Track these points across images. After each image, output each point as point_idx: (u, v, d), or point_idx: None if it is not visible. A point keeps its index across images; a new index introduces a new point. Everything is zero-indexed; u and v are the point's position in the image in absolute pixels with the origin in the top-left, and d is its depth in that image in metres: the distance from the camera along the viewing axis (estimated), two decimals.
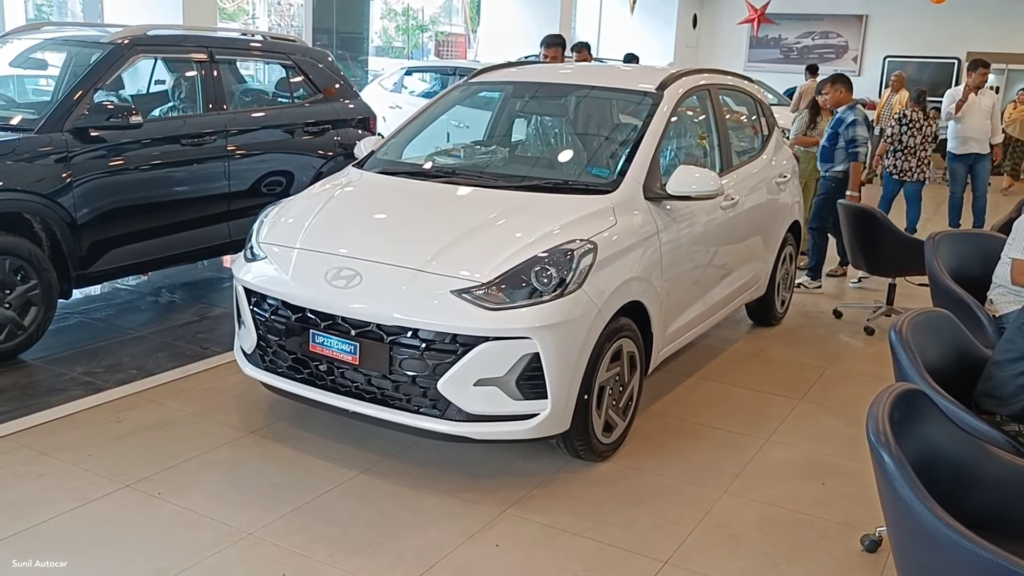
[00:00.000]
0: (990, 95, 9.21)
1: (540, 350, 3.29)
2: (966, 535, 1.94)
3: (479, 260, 3.43)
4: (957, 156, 9.26)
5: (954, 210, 9.49)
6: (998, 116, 9.19)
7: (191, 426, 3.96)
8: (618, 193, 3.87)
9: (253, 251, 3.91)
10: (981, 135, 9.07)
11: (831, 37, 18.86)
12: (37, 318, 4.66)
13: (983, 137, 9.08)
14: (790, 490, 3.64)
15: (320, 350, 3.53)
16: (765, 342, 5.61)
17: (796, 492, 3.62)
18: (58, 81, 5.71)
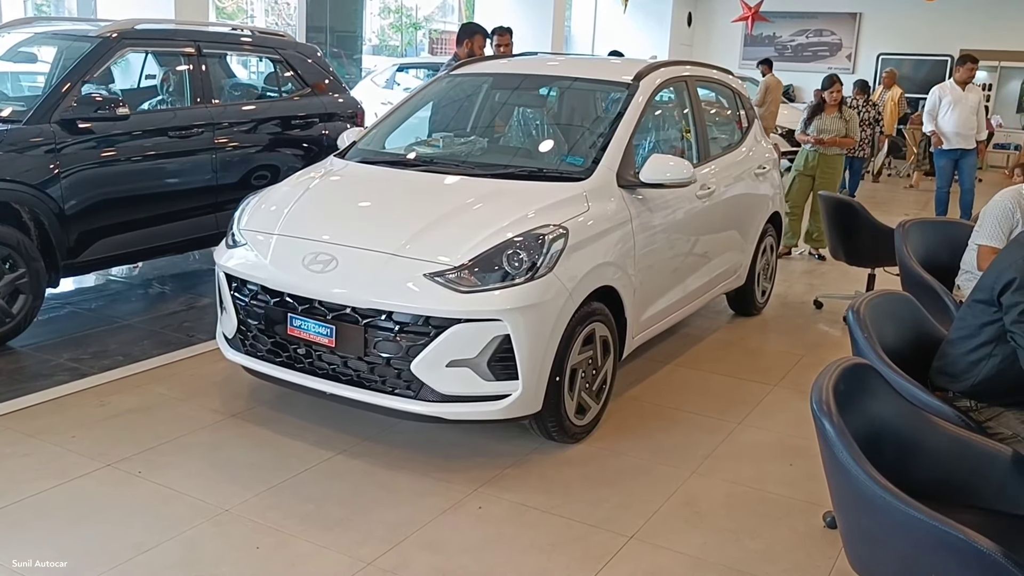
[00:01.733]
0: (977, 91, 9.27)
1: (511, 332, 3.37)
2: (903, 499, 2.01)
3: (452, 244, 3.50)
4: (943, 151, 9.33)
5: (940, 204, 9.57)
6: (983, 112, 9.23)
7: (173, 410, 4.04)
8: (591, 180, 3.95)
9: (234, 238, 3.99)
10: (966, 131, 9.11)
11: (825, 35, 18.94)
12: (25, 306, 4.74)
13: (968, 133, 9.12)
14: (758, 471, 3.72)
15: (298, 333, 3.61)
16: (744, 331, 5.69)
17: (764, 472, 3.70)
18: (48, 74, 5.79)
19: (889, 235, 5.68)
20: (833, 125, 7.44)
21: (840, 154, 7.60)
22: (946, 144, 9.23)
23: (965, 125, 9.10)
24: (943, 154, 9.34)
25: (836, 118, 7.46)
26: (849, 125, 7.47)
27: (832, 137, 7.41)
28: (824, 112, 7.52)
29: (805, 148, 7.54)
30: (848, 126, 7.46)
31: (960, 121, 9.10)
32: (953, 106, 9.11)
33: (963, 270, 4.16)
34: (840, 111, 7.50)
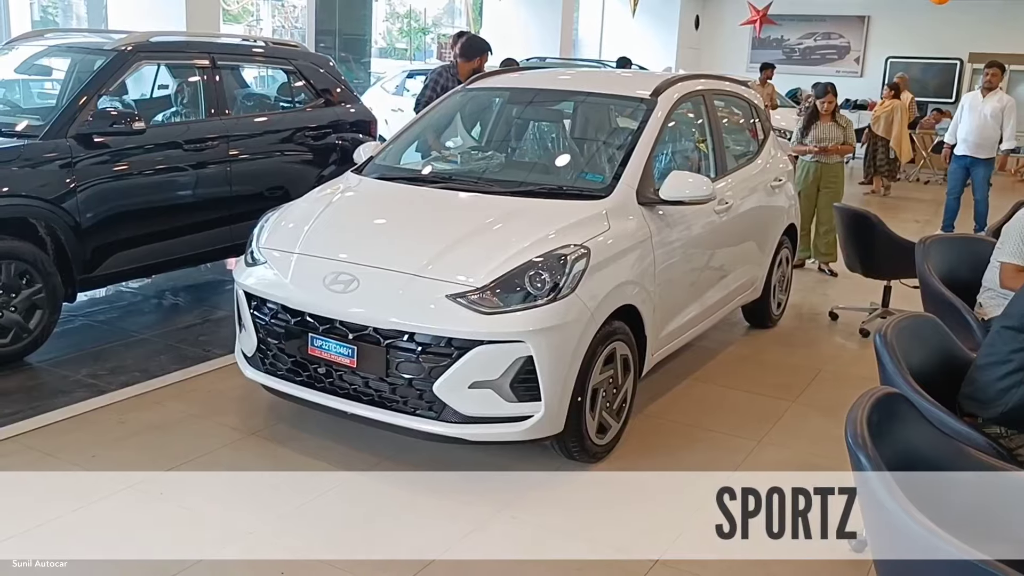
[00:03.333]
0: (999, 97, 9.00)
1: (533, 353, 3.36)
2: (942, 536, 1.99)
3: (474, 265, 3.49)
4: (955, 156, 9.24)
5: (948, 213, 9.43)
6: (1009, 121, 8.90)
7: (193, 427, 4.03)
8: (611, 199, 3.94)
9: (253, 256, 3.98)
10: (977, 138, 8.96)
11: (833, 38, 18.90)
12: (42, 321, 4.73)
13: (981, 141, 8.96)
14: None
15: (318, 353, 3.60)
16: (760, 344, 5.67)
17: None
18: (62, 87, 5.79)
19: (906, 248, 5.68)
20: (831, 133, 7.31)
21: (840, 162, 7.51)
22: (958, 149, 9.14)
23: (976, 132, 8.96)
24: (955, 160, 9.25)
25: (833, 126, 7.34)
26: (847, 132, 7.36)
27: (834, 145, 7.32)
28: (819, 121, 7.43)
29: (804, 160, 7.43)
30: (846, 133, 7.35)
31: (971, 128, 8.98)
32: (969, 112, 9.01)
33: (985, 287, 4.13)
34: (834, 118, 7.40)
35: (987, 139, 8.98)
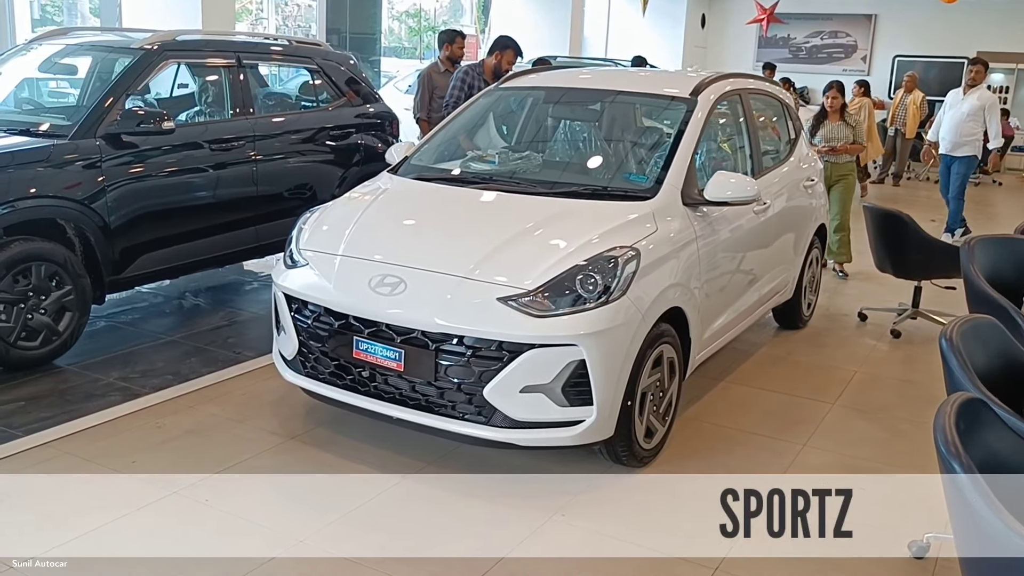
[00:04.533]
0: (979, 95, 8.86)
1: (586, 357, 3.30)
2: None
3: (524, 267, 3.44)
4: (942, 156, 9.16)
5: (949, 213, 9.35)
6: (993, 118, 8.80)
7: (231, 432, 3.97)
8: (657, 199, 3.88)
9: (293, 257, 3.92)
10: (953, 136, 8.84)
11: (840, 36, 18.86)
12: (71, 324, 4.67)
13: (958, 139, 8.84)
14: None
15: (364, 357, 3.54)
16: (792, 345, 5.62)
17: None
18: (83, 86, 5.73)
19: (939, 248, 5.64)
20: (840, 132, 7.22)
21: (851, 161, 7.39)
22: (940, 148, 9.08)
23: (954, 130, 8.85)
24: (942, 158, 9.18)
25: (841, 125, 7.24)
26: (856, 131, 7.26)
27: (843, 144, 7.20)
28: (828, 120, 7.34)
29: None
30: (855, 132, 7.25)
31: (949, 126, 8.88)
32: (948, 110, 8.92)
33: None
34: (843, 117, 7.28)
35: (965, 136, 8.83)
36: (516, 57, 6.78)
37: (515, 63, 6.78)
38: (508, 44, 6.81)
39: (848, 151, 7.27)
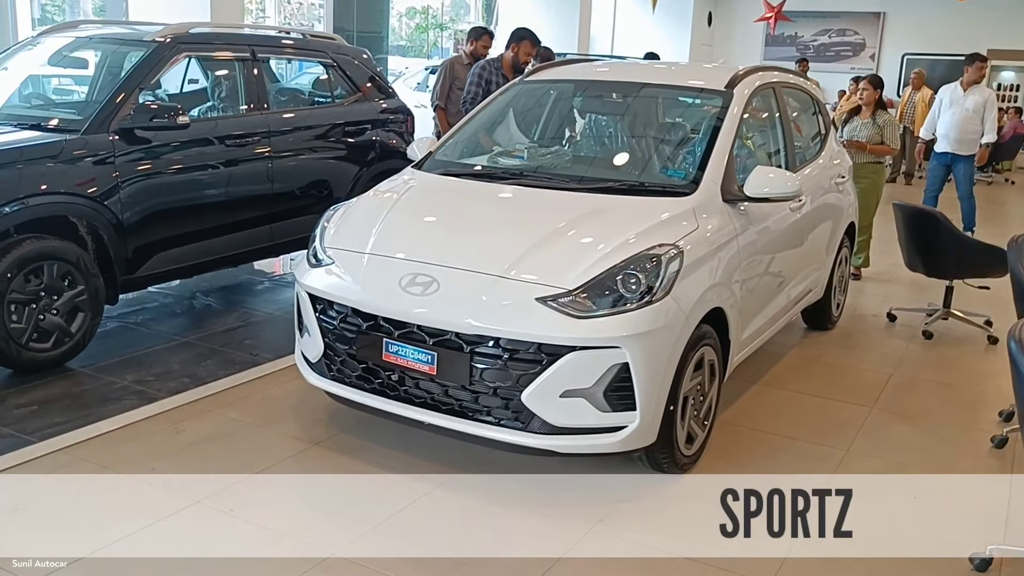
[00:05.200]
0: (980, 92, 8.65)
1: (629, 360, 3.15)
2: None
3: (563, 266, 3.29)
4: (935, 154, 8.83)
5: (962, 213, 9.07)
6: (993, 115, 8.61)
7: (252, 437, 3.82)
8: (697, 195, 3.74)
9: (317, 256, 3.76)
10: (959, 134, 8.59)
11: (848, 35, 18.72)
12: (84, 324, 4.52)
13: (964, 137, 8.59)
14: (882, 506, 3.49)
15: (394, 360, 3.39)
16: (822, 347, 5.47)
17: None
18: (93, 81, 5.58)
19: (974, 247, 5.49)
20: (864, 130, 6.88)
21: (873, 162, 6.97)
22: (938, 146, 8.77)
23: (958, 128, 8.58)
24: (935, 157, 8.83)
25: (869, 123, 6.91)
26: (884, 132, 6.87)
27: (858, 141, 6.83)
28: (859, 116, 7.03)
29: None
30: (883, 133, 6.86)
31: (953, 123, 8.60)
32: (949, 107, 8.66)
33: None
34: (874, 116, 6.93)
35: (969, 134, 8.60)
36: (534, 48, 6.63)
37: (533, 54, 6.63)
38: (524, 35, 6.67)
39: (874, 151, 6.93)
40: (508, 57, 6.67)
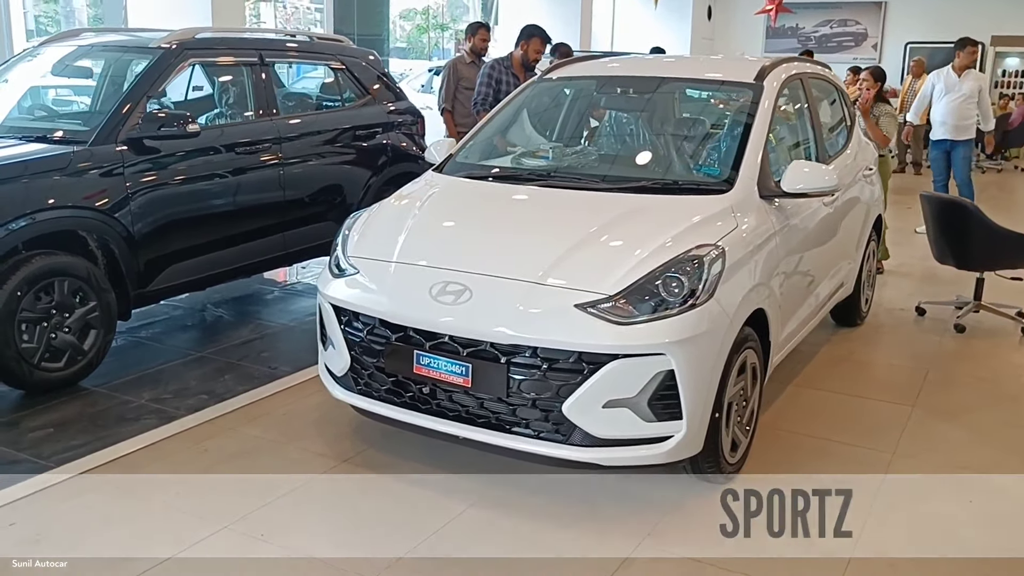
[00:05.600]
0: (975, 77, 8.53)
1: (675, 367, 3.01)
2: None
3: (602, 270, 3.15)
4: (934, 142, 8.72)
5: None
6: (986, 100, 8.55)
7: (278, 455, 3.68)
8: (734, 193, 3.60)
9: (339, 265, 3.62)
10: (955, 120, 8.44)
11: (850, 25, 18.58)
12: (97, 342, 4.38)
13: (959, 123, 8.45)
14: (938, 511, 3.36)
15: (426, 372, 3.24)
16: (853, 344, 5.33)
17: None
18: (97, 90, 5.44)
19: (1007, 238, 5.35)
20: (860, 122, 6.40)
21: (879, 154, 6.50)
22: (935, 134, 8.66)
23: (954, 114, 8.44)
24: (934, 145, 8.72)
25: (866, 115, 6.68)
26: (880, 123, 6.68)
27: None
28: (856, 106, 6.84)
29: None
30: (879, 122, 6.67)
31: (948, 110, 8.46)
32: (944, 93, 8.53)
33: None
34: (872, 109, 6.73)
35: (966, 120, 8.47)
36: (544, 45, 6.50)
37: (543, 52, 6.49)
38: (534, 32, 6.53)
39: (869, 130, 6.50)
40: (518, 55, 6.54)
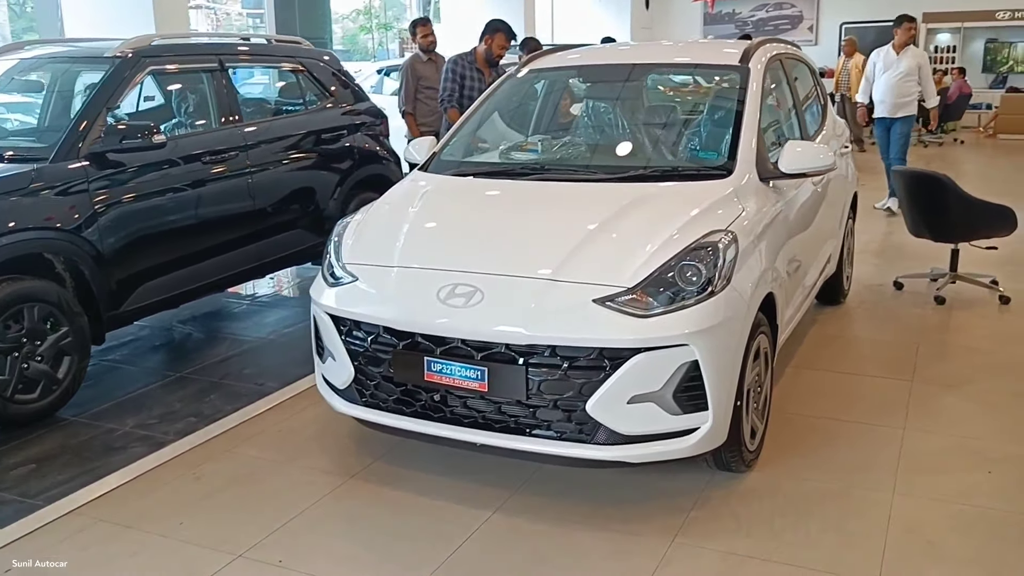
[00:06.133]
0: (913, 54, 8.54)
1: (699, 357, 2.93)
2: None
3: (617, 263, 3.05)
4: (877, 119, 8.77)
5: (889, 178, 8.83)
6: (928, 76, 8.54)
7: (280, 476, 3.51)
8: (735, 176, 3.54)
9: (335, 273, 3.47)
10: (894, 97, 8.47)
11: (785, 8, 18.81)
12: (71, 369, 4.16)
13: (897, 100, 8.46)
14: (959, 483, 3.34)
15: (438, 379, 3.11)
16: (840, 322, 5.34)
17: (967, 485, 3.33)
18: (44, 104, 5.17)
19: (983, 208, 5.41)
20: None
21: None
22: (877, 111, 8.68)
23: (892, 92, 8.47)
24: (877, 123, 8.78)
25: None
26: None
27: None
28: None
29: None
30: None
31: (886, 87, 8.50)
32: (883, 71, 8.57)
33: None
34: None
35: (903, 97, 8.49)
36: (508, 41, 6.38)
37: (507, 47, 6.38)
38: (498, 27, 6.42)
39: None
40: (481, 50, 6.42)
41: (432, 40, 7.03)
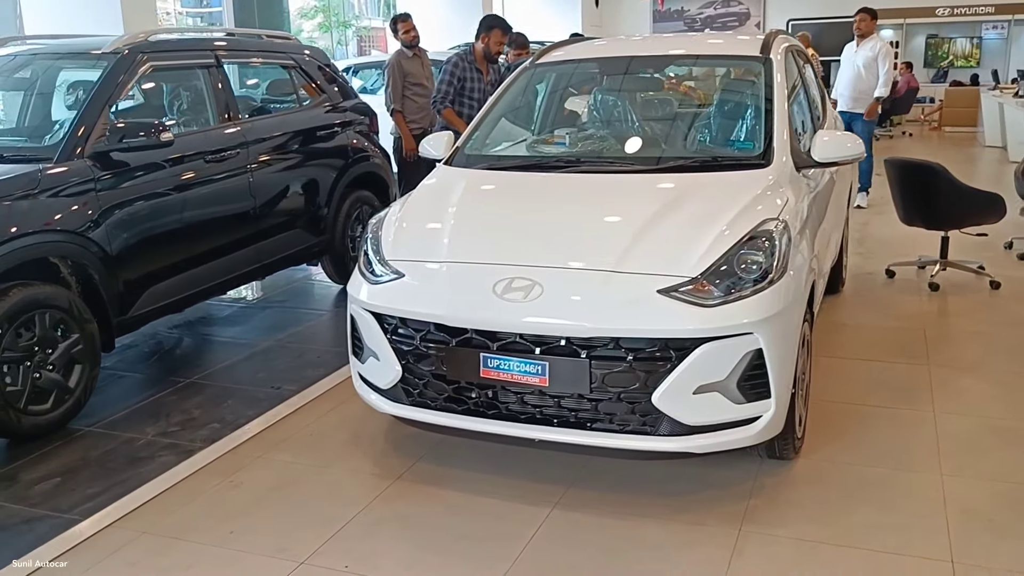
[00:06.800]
0: (870, 46, 8.41)
1: (763, 345, 2.93)
2: None
3: (678, 252, 3.04)
4: (840, 113, 8.24)
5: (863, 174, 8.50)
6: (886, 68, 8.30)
7: (323, 480, 3.42)
8: (774, 166, 3.55)
9: (375, 271, 3.38)
10: (853, 91, 8.37)
11: (733, 5, 19.10)
12: (83, 377, 3.99)
13: (856, 94, 8.36)
14: (1001, 461, 3.42)
15: (495, 375, 3.05)
16: (843, 310, 5.42)
17: (1009, 463, 3.40)
18: (26, 103, 4.94)
19: (974, 196, 5.54)
20: None
21: None
22: (839, 106, 8.45)
23: (851, 85, 8.34)
24: (840, 116, 8.16)
25: None
26: None
27: None
28: None
29: None
30: None
31: (846, 81, 8.38)
32: (843, 65, 8.54)
33: None
34: None
35: (863, 91, 8.35)
36: (505, 36, 6.33)
37: (504, 43, 6.33)
38: (493, 24, 6.36)
39: None
40: (479, 48, 6.35)
41: (415, 35, 6.94)
